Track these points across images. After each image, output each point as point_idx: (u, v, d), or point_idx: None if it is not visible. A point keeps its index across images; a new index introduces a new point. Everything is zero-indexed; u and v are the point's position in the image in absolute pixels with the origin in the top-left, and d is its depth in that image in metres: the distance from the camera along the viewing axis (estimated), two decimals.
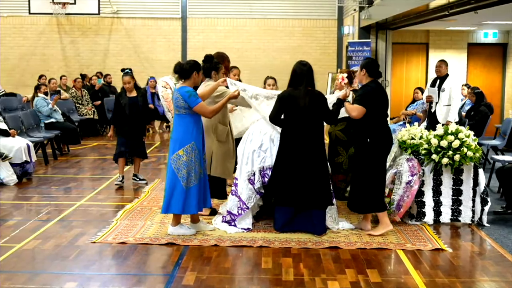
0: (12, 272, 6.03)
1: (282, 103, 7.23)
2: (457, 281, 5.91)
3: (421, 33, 19.12)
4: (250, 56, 21.37)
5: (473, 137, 8.02)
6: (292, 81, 7.29)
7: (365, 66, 7.36)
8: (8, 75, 21.57)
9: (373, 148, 7.22)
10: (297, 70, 7.28)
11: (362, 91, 7.30)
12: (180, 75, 7.27)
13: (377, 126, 7.25)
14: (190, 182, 7.13)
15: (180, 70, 7.25)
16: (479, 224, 7.95)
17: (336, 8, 21.20)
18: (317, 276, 5.99)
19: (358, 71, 7.48)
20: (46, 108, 13.49)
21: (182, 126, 7.16)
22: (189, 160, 7.11)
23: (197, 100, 7.07)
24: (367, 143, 7.22)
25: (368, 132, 7.22)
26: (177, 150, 7.13)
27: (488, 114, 12.65)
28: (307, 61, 7.37)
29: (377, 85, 7.37)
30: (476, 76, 19.19)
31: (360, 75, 7.40)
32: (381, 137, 7.27)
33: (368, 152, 7.24)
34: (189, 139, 7.13)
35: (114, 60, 21.77)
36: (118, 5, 21.58)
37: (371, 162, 7.24)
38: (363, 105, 7.13)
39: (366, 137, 7.22)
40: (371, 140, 7.21)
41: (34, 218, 8.05)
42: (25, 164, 10.56)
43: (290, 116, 7.20)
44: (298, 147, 7.17)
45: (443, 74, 10.92)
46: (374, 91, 7.25)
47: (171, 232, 7.28)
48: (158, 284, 5.75)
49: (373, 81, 7.35)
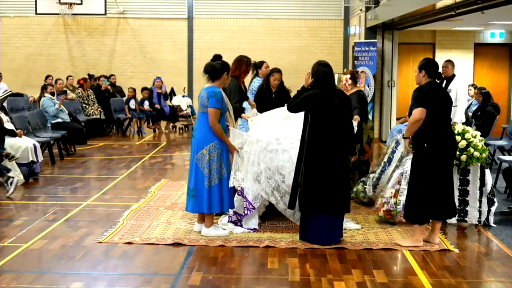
0: (19, 272, 6.04)
1: (310, 102, 6.90)
2: (463, 282, 5.90)
3: (428, 33, 19.08)
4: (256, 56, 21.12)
5: (480, 138, 8.00)
6: (318, 82, 6.98)
7: (424, 67, 6.93)
8: (14, 75, 21.61)
9: (431, 154, 6.76)
10: (320, 71, 6.99)
11: (417, 92, 6.85)
12: (211, 75, 7.26)
13: (436, 130, 6.76)
14: (212, 181, 7.15)
15: (212, 70, 7.25)
16: (486, 225, 7.93)
17: (342, 8, 21.17)
18: (323, 276, 5.99)
19: (417, 72, 7.01)
20: (52, 108, 13.52)
21: (206, 125, 7.18)
22: (211, 159, 7.14)
23: (216, 105, 7.09)
24: (424, 148, 6.78)
25: (425, 137, 6.76)
26: (201, 149, 7.16)
27: (494, 114, 12.63)
28: (325, 61, 7.15)
29: (433, 86, 6.92)
30: (482, 76, 19.14)
31: (420, 76, 6.95)
32: (441, 142, 6.79)
33: (425, 158, 6.78)
34: (212, 138, 7.16)
35: (120, 61, 21.79)
36: (125, 5, 21.60)
37: (427, 169, 6.78)
38: (423, 106, 6.69)
39: (423, 142, 6.77)
40: (428, 145, 6.75)
41: (40, 218, 8.06)
42: (32, 164, 10.58)
43: (323, 115, 6.88)
44: (333, 147, 6.90)
45: (450, 75, 10.89)
46: (429, 92, 6.81)
47: (206, 233, 7.27)
48: (164, 284, 5.76)
49: (430, 82, 6.91)
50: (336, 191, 6.89)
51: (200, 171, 7.18)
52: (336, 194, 6.90)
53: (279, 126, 7.70)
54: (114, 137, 17.49)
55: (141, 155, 13.74)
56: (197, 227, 7.44)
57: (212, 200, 7.17)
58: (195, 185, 7.20)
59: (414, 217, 6.94)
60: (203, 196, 7.18)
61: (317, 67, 7.03)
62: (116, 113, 17.99)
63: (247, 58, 8.99)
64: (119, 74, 20.58)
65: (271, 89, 9.56)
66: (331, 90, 6.97)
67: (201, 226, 7.40)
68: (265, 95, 9.50)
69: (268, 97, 9.46)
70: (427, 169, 6.79)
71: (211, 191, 7.17)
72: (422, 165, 6.80)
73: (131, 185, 10.39)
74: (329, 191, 6.87)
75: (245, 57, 9.00)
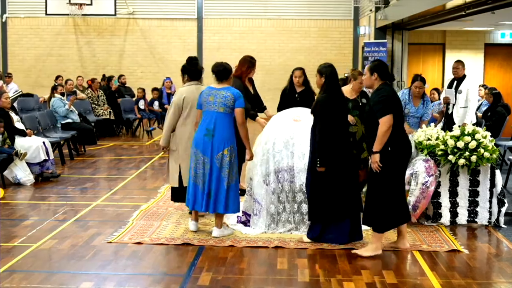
0: (29, 271, 6.06)
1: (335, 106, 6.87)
2: (473, 283, 5.88)
3: (438, 34, 19.04)
4: (265, 57, 21.36)
5: (490, 138, 7.97)
6: (331, 84, 6.94)
7: (376, 69, 6.67)
8: (25, 76, 21.72)
9: (393, 158, 6.53)
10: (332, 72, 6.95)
11: (377, 98, 6.56)
12: (222, 75, 7.32)
13: (397, 132, 6.55)
14: (231, 182, 7.20)
15: (224, 70, 7.33)
16: (496, 226, 7.90)
17: (352, 9, 21.17)
18: (333, 277, 5.98)
19: (367, 75, 6.73)
20: (62, 109, 13.56)
21: (227, 125, 7.23)
22: (232, 160, 7.20)
23: (243, 104, 7.24)
24: (387, 152, 6.50)
25: (388, 140, 6.48)
26: (222, 150, 7.17)
27: (505, 115, 12.57)
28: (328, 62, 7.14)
29: (391, 88, 6.77)
30: (492, 77, 19.08)
31: (371, 79, 6.69)
32: (401, 144, 6.62)
33: (388, 162, 6.50)
34: (233, 139, 7.25)
35: (129, 61, 21.86)
36: (134, 6, 21.67)
37: (390, 173, 6.55)
38: (390, 112, 6.44)
39: (386, 146, 6.48)
40: (392, 149, 6.51)
41: (50, 218, 8.09)
42: (44, 163, 10.60)
43: (342, 118, 6.93)
44: (349, 151, 6.93)
45: (461, 75, 10.84)
46: (390, 95, 6.58)
47: (218, 235, 7.25)
48: (173, 284, 5.76)
49: (385, 84, 6.69)
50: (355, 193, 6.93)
51: (218, 171, 7.16)
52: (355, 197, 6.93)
53: (288, 128, 7.68)
54: (123, 137, 17.53)
55: (151, 155, 13.76)
56: (194, 226, 7.44)
57: (229, 201, 7.19)
58: (212, 185, 7.18)
59: (378, 225, 6.64)
60: (221, 196, 7.16)
61: (328, 69, 6.97)
62: (126, 113, 18.02)
63: (251, 57, 9.01)
64: (128, 74, 20.63)
65: (295, 89, 9.29)
66: (341, 92, 7.02)
67: (197, 224, 7.44)
68: (288, 96, 9.30)
69: (292, 97, 9.26)
70: (390, 173, 6.55)
71: (229, 191, 7.18)
72: (386, 170, 6.50)
73: (141, 185, 10.41)
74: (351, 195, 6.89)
75: (249, 57, 9.04)
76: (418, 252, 6.75)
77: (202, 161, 7.21)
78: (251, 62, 8.94)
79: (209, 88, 7.33)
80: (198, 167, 7.23)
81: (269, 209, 7.50)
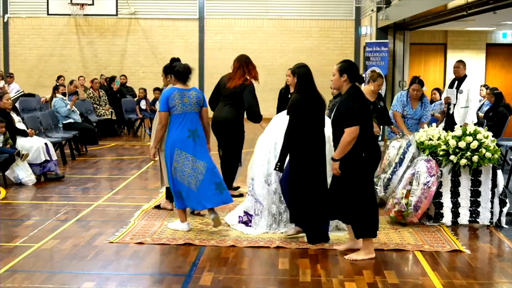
0: (31, 271, 6.07)
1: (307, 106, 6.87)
2: (475, 283, 5.88)
3: (439, 34, 19.04)
4: (267, 57, 21.37)
5: (492, 138, 7.97)
6: (304, 85, 6.93)
7: (346, 70, 6.43)
8: (26, 76, 21.74)
9: (366, 164, 6.41)
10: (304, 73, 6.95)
11: (351, 105, 6.34)
12: (189, 76, 7.50)
13: (369, 139, 6.42)
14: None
15: (190, 71, 7.53)
16: (498, 226, 7.90)
17: (353, 9, 21.17)
18: (334, 277, 5.98)
19: (336, 75, 6.48)
20: (64, 109, 13.57)
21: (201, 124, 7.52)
22: None
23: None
24: (362, 158, 6.35)
25: (362, 146, 6.33)
26: (207, 147, 7.57)
27: (507, 115, 12.57)
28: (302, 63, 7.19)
29: (361, 93, 6.55)
30: (494, 77, 19.07)
31: (340, 80, 6.45)
32: (373, 149, 6.47)
33: (361, 168, 6.38)
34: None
35: (131, 61, 21.87)
36: (136, 6, 21.68)
37: (365, 178, 6.43)
38: (357, 124, 6.24)
39: (360, 151, 6.32)
40: (366, 155, 6.37)
41: (52, 218, 8.10)
42: (46, 164, 10.61)
43: (316, 119, 6.91)
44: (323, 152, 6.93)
45: (461, 75, 10.85)
46: (361, 104, 6.37)
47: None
48: (175, 284, 5.77)
49: (355, 87, 6.48)
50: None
51: (214, 166, 7.48)
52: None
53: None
54: (125, 137, 17.54)
55: None
56: (188, 226, 7.51)
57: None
58: (216, 179, 7.46)
59: (365, 231, 6.49)
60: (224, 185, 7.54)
61: (303, 70, 6.99)
62: (127, 113, 18.03)
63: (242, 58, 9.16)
64: (130, 74, 20.64)
65: (289, 90, 9.39)
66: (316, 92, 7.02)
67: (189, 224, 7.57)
68: (284, 96, 9.35)
69: (287, 98, 9.30)
70: (364, 178, 6.42)
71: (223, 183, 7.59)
72: (361, 176, 6.38)
73: (142, 185, 10.42)
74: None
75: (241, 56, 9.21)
76: (420, 252, 6.75)
77: (189, 161, 7.32)
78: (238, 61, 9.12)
79: (178, 90, 7.41)
80: (186, 168, 7.33)
81: (271, 209, 7.50)
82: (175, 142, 7.31)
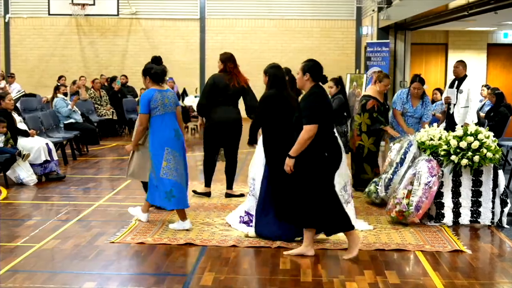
0: (32, 271, 6.07)
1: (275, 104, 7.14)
2: (476, 283, 5.87)
3: (440, 34, 19.04)
4: (268, 57, 21.32)
5: (493, 138, 7.97)
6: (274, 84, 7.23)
7: (310, 69, 6.39)
8: (28, 76, 21.75)
9: (328, 163, 6.37)
10: (275, 73, 7.27)
11: (310, 103, 6.33)
12: (165, 77, 7.82)
13: (330, 138, 6.41)
14: None
15: (166, 72, 7.86)
16: (499, 226, 7.90)
17: (354, 9, 21.18)
18: (335, 277, 5.98)
19: (300, 74, 6.46)
20: (65, 109, 13.57)
21: None
22: None
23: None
24: (324, 157, 6.31)
25: (324, 145, 6.31)
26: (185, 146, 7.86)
27: (508, 115, 12.56)
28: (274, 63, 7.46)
29: (322, 90, 6.45)
30: (495, 77, 19.07)
31: (303, 80, 6.42)
32: (335, 149, 6.45)
33: (323, 168, 6.34)
34: None
35: (132, 61, 21.87)
36: (137, 6, 21.69)
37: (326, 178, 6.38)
38: (316, 122, 6.21)
39: (323, 151, 6.29)
40: (328, 154, 6.34)
41: (53, 218, 8.10)
42: (47, 164, 10.61)
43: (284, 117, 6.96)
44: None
45: (461, 75, 10.84)
46: (321, 100, 6.36)
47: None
48: (176, 285, 5.77)
49: (318, 87, 6.43)
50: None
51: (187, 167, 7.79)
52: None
53: None
54: (126, 137, 17.52)
55: None
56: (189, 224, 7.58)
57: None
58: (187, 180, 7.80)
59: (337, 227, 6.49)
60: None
61: (276, 69, 7.31)
62: (128, 113, 18.04)
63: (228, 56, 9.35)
64: (131, 74, 20.64)
65: None
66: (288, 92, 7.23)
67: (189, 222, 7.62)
68: None
69: None
70: (327, 177, 6.37)
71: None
72: (323, 175, 6.33)
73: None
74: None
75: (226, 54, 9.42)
76: (421, 252, 6.75)
77: (180, 159, 7.56)
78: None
79: (158, 91, 7.62)
80: (178, 166, 7.52)
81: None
82: (165, 141, 7.48)
